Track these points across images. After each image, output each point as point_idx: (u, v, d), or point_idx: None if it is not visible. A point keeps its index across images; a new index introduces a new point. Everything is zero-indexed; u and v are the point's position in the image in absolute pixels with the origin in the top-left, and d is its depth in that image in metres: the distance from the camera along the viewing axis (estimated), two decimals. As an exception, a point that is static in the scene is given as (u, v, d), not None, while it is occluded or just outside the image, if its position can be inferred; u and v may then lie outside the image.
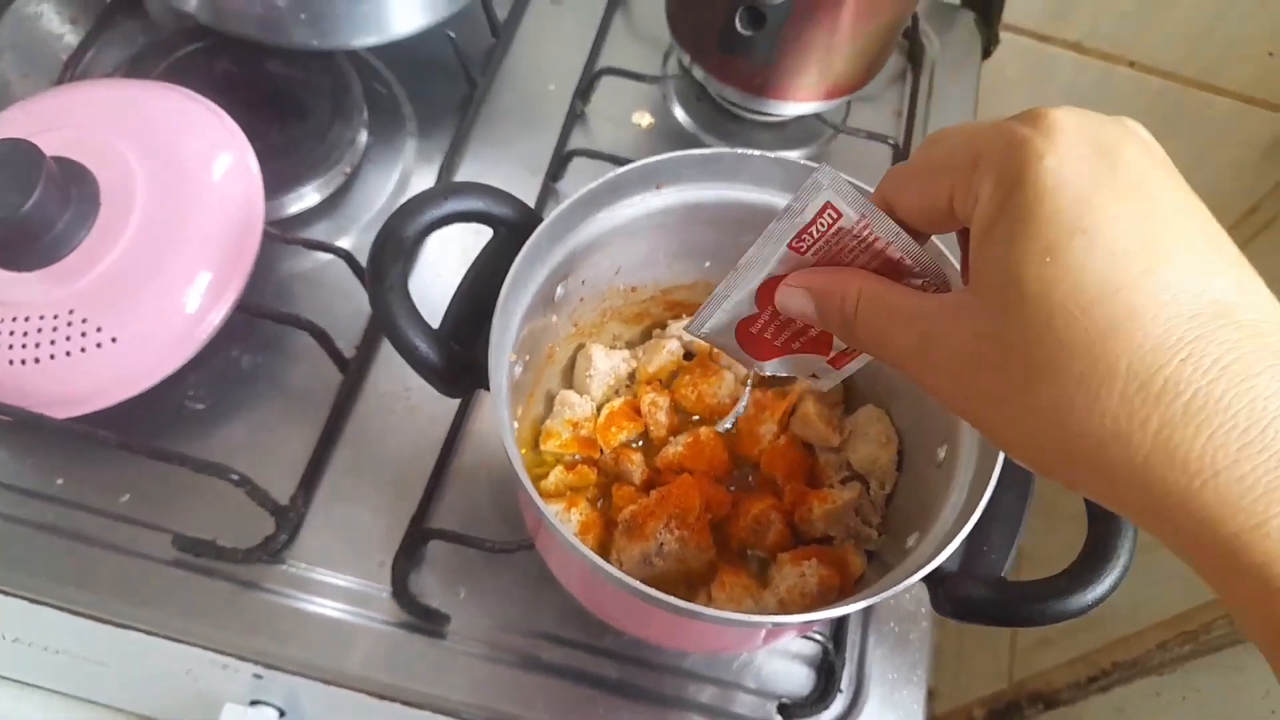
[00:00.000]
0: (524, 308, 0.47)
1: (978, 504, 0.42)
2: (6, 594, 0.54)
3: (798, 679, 0.57)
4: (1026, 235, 0.26)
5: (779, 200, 0.50)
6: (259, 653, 0.54)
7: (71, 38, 0.73)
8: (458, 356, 0.46)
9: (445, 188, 0.47)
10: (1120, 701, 1.05)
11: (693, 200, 0.51)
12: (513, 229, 0.48)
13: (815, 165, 0.47)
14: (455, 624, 0.55)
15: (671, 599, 0.39)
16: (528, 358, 0.51)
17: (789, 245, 0.34)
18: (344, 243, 0.66)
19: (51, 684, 0.67)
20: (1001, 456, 0.42)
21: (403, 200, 0.67)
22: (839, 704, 0.56)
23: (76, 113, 0.58)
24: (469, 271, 0.48)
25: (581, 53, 0.78)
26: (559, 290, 0.50)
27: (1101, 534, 0.42)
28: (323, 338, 0.59)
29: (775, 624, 0.40)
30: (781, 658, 0.57)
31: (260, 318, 0.59)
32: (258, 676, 0.55)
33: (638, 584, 0.39)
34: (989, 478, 0.42)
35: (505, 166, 0.72)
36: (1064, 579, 0.42)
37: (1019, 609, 0.42)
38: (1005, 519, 0.44)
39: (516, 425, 0.50)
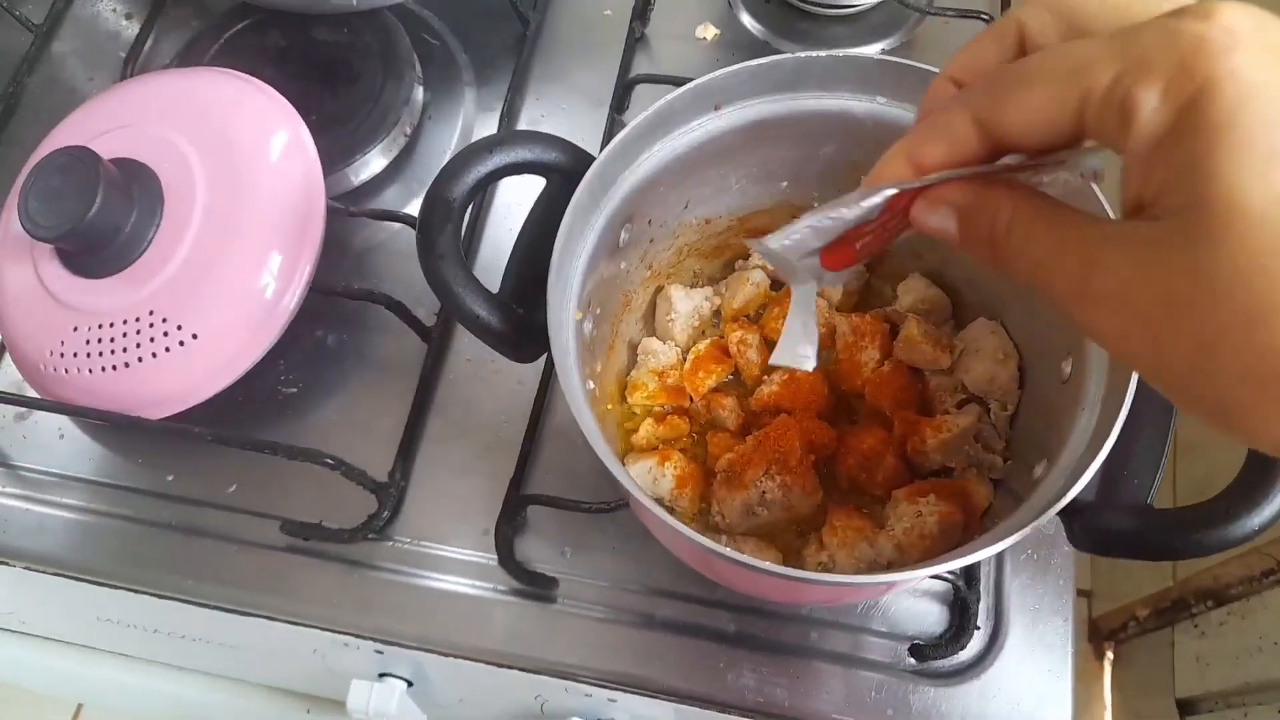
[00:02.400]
0: (585, 260, 0.44)
1: (1113, 424, 0.37)
2: (139, 592, 0.56)
3: (930, 618, 0.53)
4: (1235, 145, 0.22)
5: (853, 103, 0.45)
6: (377, 629, 0.54)
7: (129, 32, 0.73)
8: (522, 320, 0.43)
9: (489, 141, 0.44)
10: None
11: (757, 117, 0.46)
12: (567, 175, 0.44)
13: (884, 58, 0.42)
14: (564, 587, 0.54)
15: (779, 568, 0.36)
16: (598, 311, 0.48)
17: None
18: (413, 207, 0.65)
19: (200, 666, 0.70)
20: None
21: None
22: (977, 641, 0.52)
23: (131, 111, 0.58)
24: (524, 226, 0.45)
25: (636, -31, 0.72)
26: (623, 235, 0.47)
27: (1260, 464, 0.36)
28: (400, 310, 0.58)
29: (889, 582, 0.36)
30: (910, 596, 0.53)
31: (334, 295, 0.58)
32: (379, 651, 0.56)
33: (741, 556, 0.36)
34: (1124, 392, 0.37)
35: (568, 103, 0.68)
36: (1224, 501, 0.37)
37: (1170, 539, 0.37)
38: (1147, 438, 0.39)
39: (594, 386, 0.48)
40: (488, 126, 0.68)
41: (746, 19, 0.71)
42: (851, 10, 0.69)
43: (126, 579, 0.56)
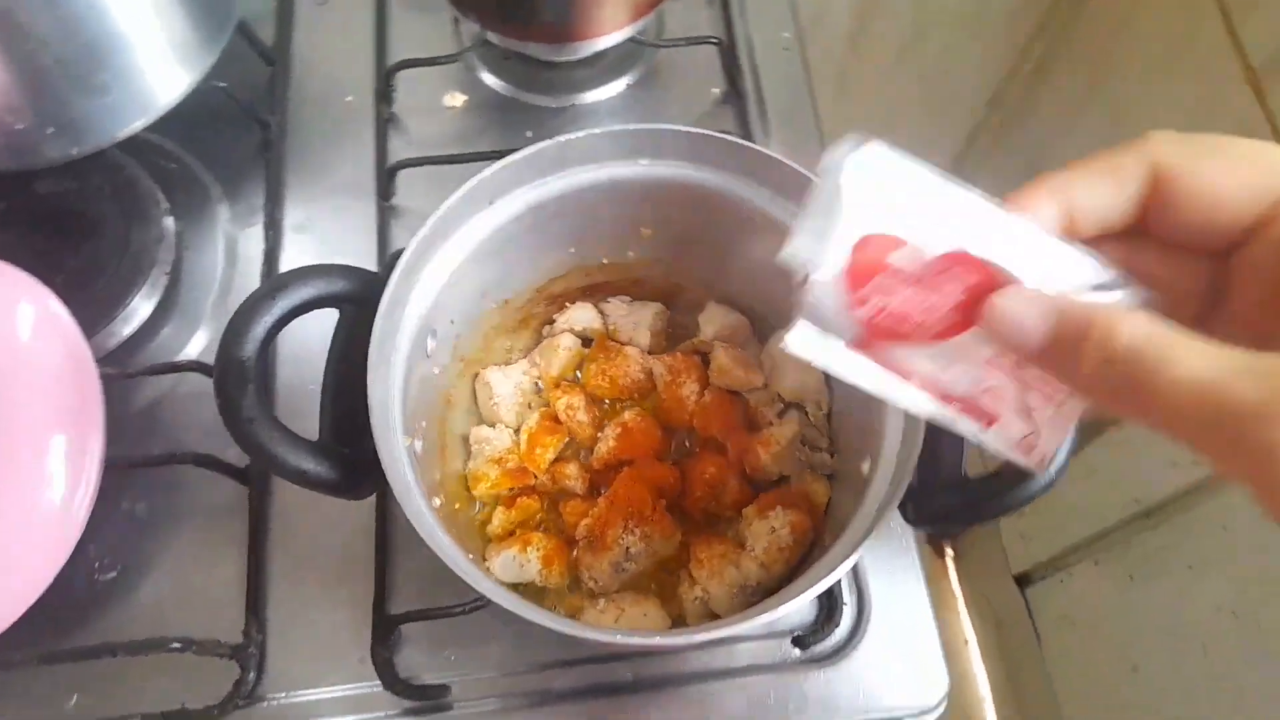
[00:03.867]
0: (399, 385, 0.43)
1: (920, 421, 0.41)
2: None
3: (801, 610, 0.56)
4: None
5: (619, 169, 0.47)
6: (275, 795, 0.52)
7: None
8: (349, 460, 0.42)
9: (271, 287, 0.42)
10: (1089, 464, 1.10)
11: (533, 201, 0.47)
12: (357, 301, 0.44)
13: (637, 127, 0.44)
14: (457, 690, 0.54)
15: (635, 638, 0.38)
16: (424, 423, 0.47)
17: None
18: (193, 348, 0.61)
19: None
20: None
21: (236, 279, 0.64)
22: (848, 616, 0.56)
23: None
24: (328, 364, 0.44)
25: (367, 52, 0.71)
26: (429, 343, 0.47)
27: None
28: (209, 461, 0.55)
29: (769, 621, 0.38)
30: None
31: (133, 467, 0.54)
32: (283, 816, 0.53)
33: (618, 636, 0.37)
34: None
35: (332, 201, 0.66)
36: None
37: (989, 505, 0.41)
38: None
39: (440, 501, 0.47)
40: (252, 243, 0.65)
41: (489, 79, 0.71)
42: (585, 56, 0.71)
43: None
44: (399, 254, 0.43)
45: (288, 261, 0.65)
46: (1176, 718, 0.95)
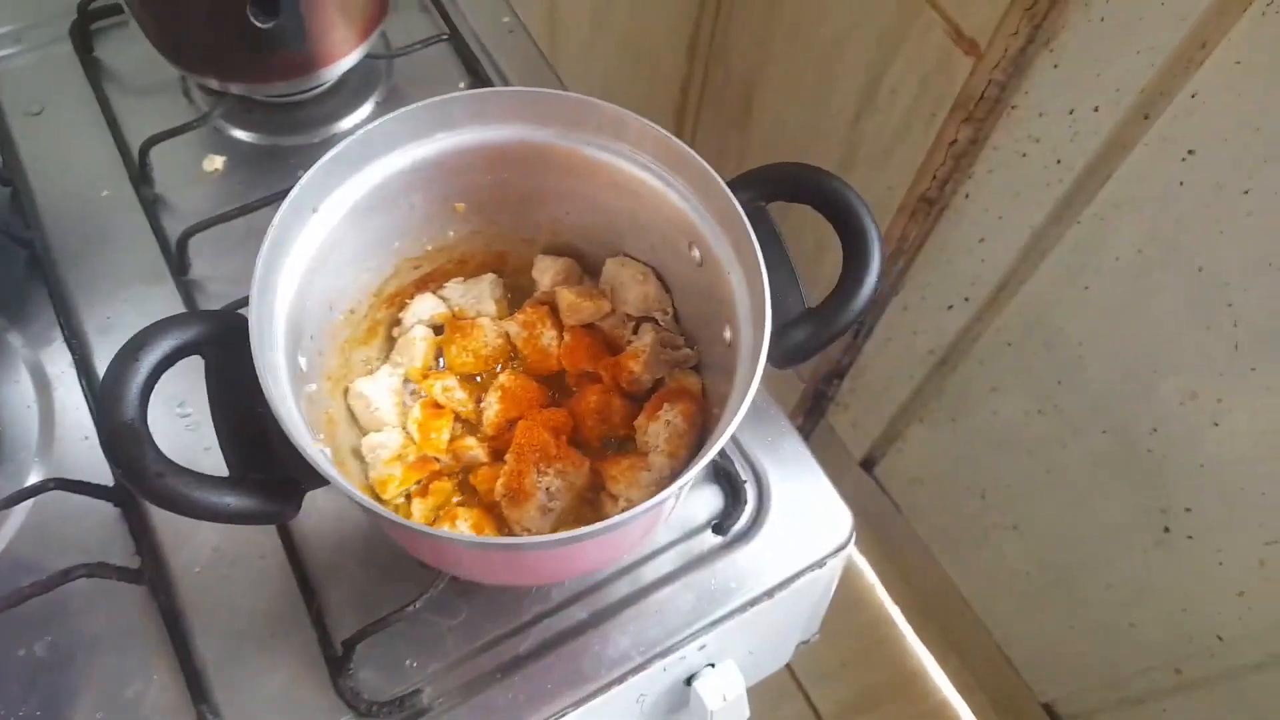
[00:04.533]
0: (291, 402, 0.44)
1: (759, 270, 0.46)
2: None
3: (709, 502, 0.61)
4: None
5: (419, 150, 0.50)
6: None
7: None
8: (267, 484, 0.43)
9: (134, 346, 0.42)
10: (884, 334, 1.22)
11: (350, 201, 0.49)
12: (220, 342, 0.44)
13: (398, 114, 0.47)
14: (428, 691, 0.55)
15: (589, 529, 0.41)
16: (321, 435, 0.48)
17: None
18: (36, 475, 0.58)
19: None
20: (748, 222, 0.47)
21: (56, 395, 0.61)
22: (751, 491, 0.62)
23: None
24: (214, 407, 0.44)
25: (105, 144, 0.70)
26: (301, 361, 0.48)
27: (847, 222, 0.48)
28: (101, 569, 0.53)
29: (683, 483, 0.43)
30: (685, 499, 0.61)
31: (25, 602, 0.51)
32: None
33: (519, 541, 0.40)
34: (751, 245, 0.47)
35: (127, 291, 0.65)
36: (846, 284, 0.48)
37: (832, 326, 0.48)
38: (775, 263, 0.48)
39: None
40: (58, 360, 0.62)
41: (241, 134, 0.72)
42: (325, 87, 0.72)
43: None
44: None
45: (103, 365, 0.62)
46: (1027, 517, 1.07)
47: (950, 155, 0.93)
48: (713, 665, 0.61)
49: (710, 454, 0.42)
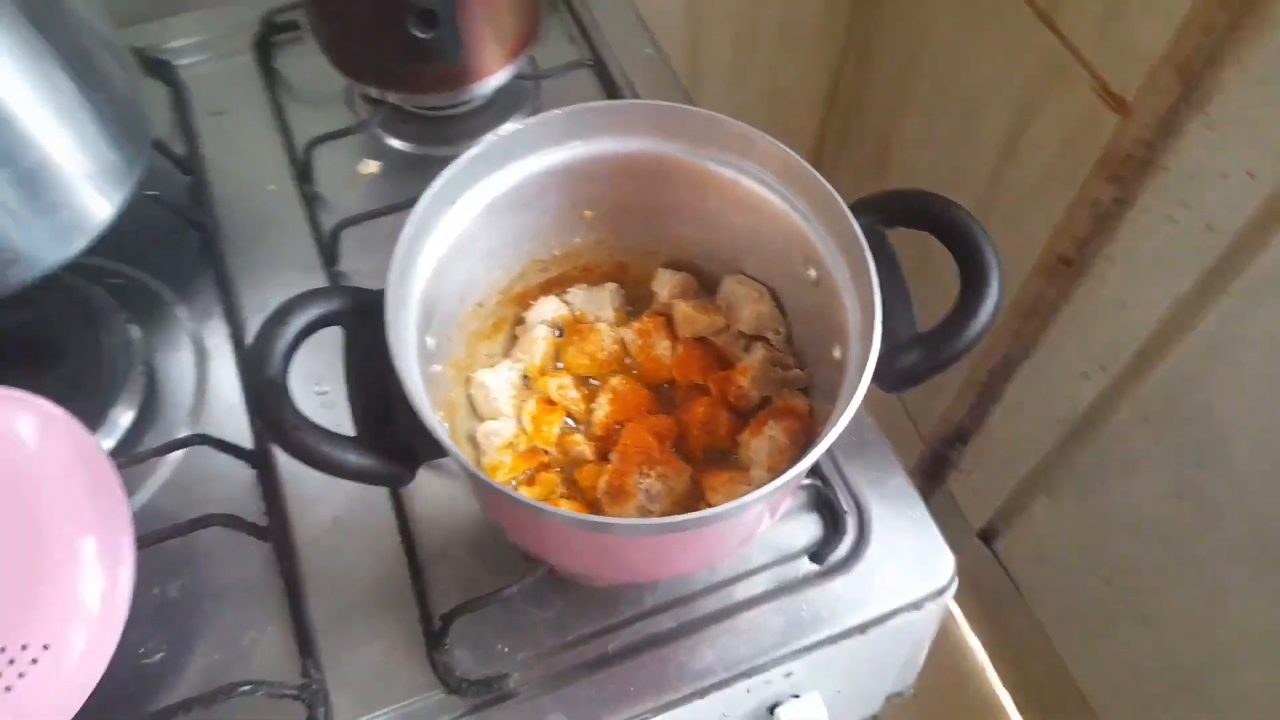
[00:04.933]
0: (418, 377, 0.47)
1: (872, 289, 0.47)
2: None
3: (806, 529, 0.61)
4: None
5: (555, 155, 0.53)
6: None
7: None
8: (392, 449, 0.46)
9: (282, 312, 0.46)
10: (1014, 399, 1.18)
11: (489, 197, 0.53)
12: (358, 315, 0.48)
13: (563, 111, 0.50)
14: (515, 676, 0.56)
15: (683, 517, 0.42)
16: (441, 414, 0.51)
17: None
18: (186, 433, 0.63)
19: None
20: (866, 244, 0.48)
21: (211, 368, 0.67)
22: (852, 523, 0.61)
23: None
24: (348, 374, 0.48)
25: (275, 144, 0.76)
26: (429, 342, 0.51)
27: (968, 250, 0.48)
28: (234, 521, 0.57)
29: (788, 480, 0.43)
30: (785, 523, 0.61)
31: (162, 540, 0.56)
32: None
33: (639, 520, 0.42)
34: (867, 267, 0.47)
35: (281, 279, 0.70)
36: (961, 310, 0.48)
37: (945, 351, 0.48)
38: (891, 287, 0.49)
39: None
40: (217, 334, 0.68)
41: (396, 142, 0.77)
42: (475, 103, 0.77)
43: None
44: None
45: (254, 341, 0.68)
46: (1158, 610, 1.01)
47: (1093, 215, 0.90)
48: (798, 696, 0.60)
49: (814, 456, 0.43)
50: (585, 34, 0.82)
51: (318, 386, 0.65)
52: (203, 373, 0.67)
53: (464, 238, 0.52)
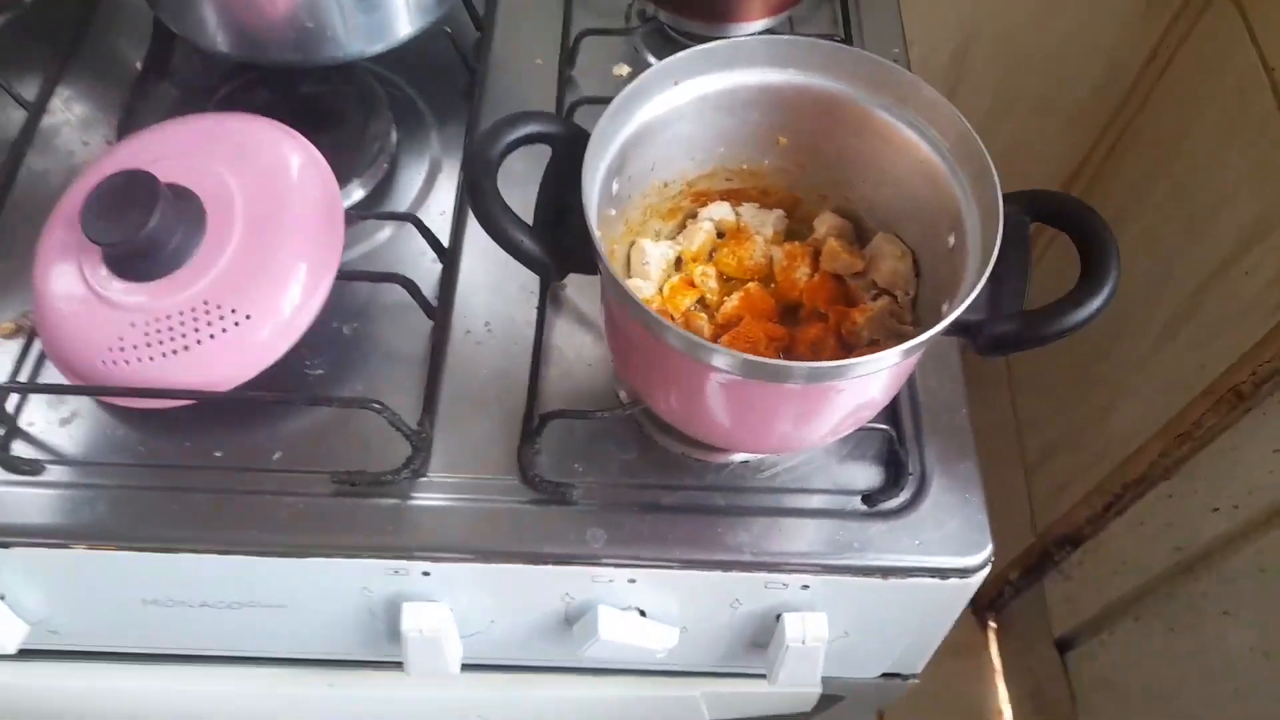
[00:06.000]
0: (596, 200, 0.57)
1: (989, 258, 0.53)
2: (196, 551, 0.63)
3: (870, 474, 0.67)
4: None
5: (773, 75, 0.62)
6: (421, 548, 0.63)
7: (115, 104, 0.83)
8: (555, 248, 0.56)
9: (508, 119, 0.57)
10: (1138, 516, 1.16)
11: (702, 91, 0.62)
12: (566, 143, 0.58)
13: (793, 38, 0.59)
14: (579, 490, 0.65)
15: (766, 360, 0.50)
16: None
17: None
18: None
19: (238, 648, 0.75)
20: (1002, 217, 0.53)
21: (436, 191, 0.79)
22: (911, 484, 0.66)
23: (170, 145, 0.68)
24: (544, 183, 0.59)
25: (554, 26, 0.89)
26: (614, 186, 0.61)
27: (1094, 254, 0.53)
28: (413, 288, 0.69)
29: (868, 362, 0.50)
30: (851, 462, 0.67)
31: (358, 280, 0.69)
32: (426, 574, 0.64)
33: (743, 356, 0.49)
34: (995, 237, 0.53)
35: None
36: (1072, 297, 0.53)
37: (1041, 329, 0.53)
38: (1013, 264, 0.54)
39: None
40: (453, 160, 0.81)
41: (650, 57, 0.88)
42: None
43: (182, 540, 0.63)
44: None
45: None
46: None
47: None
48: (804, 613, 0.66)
49: (925, 337, 0.50)
50: (845, 17, 0.90)
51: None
52: (431, 181, 0.80)
53: (672, 115, 0.61)
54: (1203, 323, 1.02)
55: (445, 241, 0.75)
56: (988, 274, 0.52)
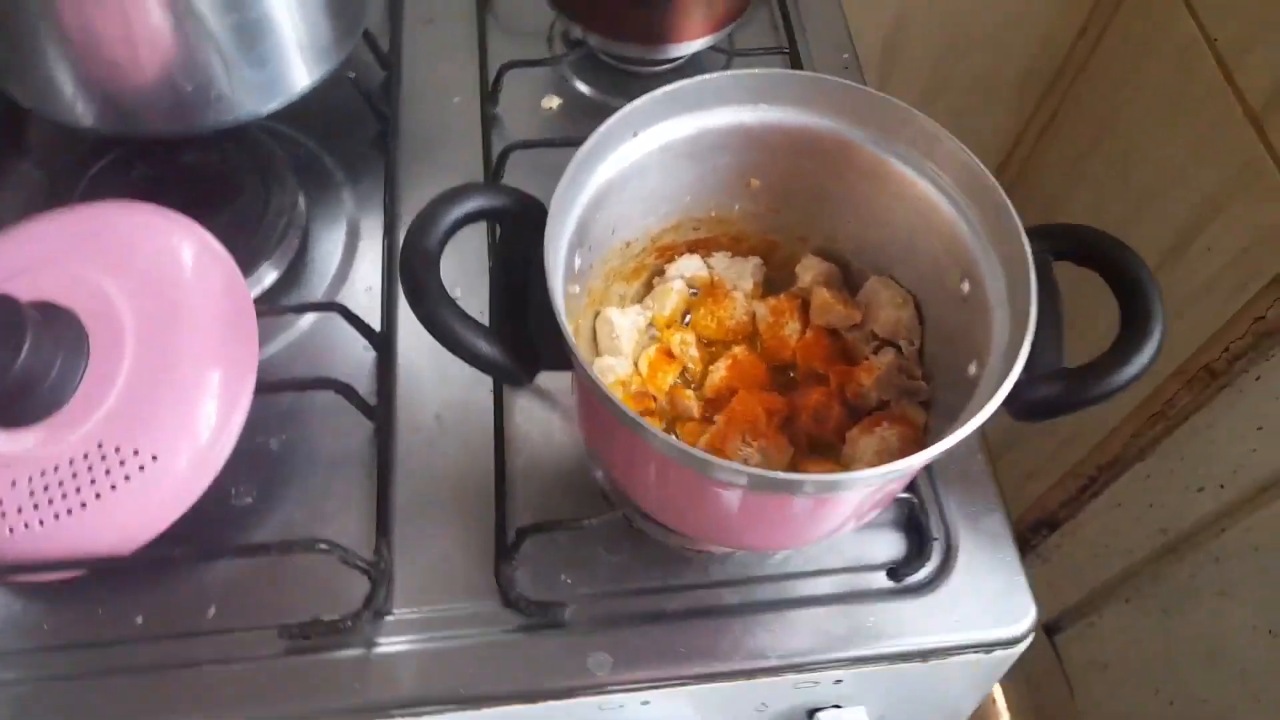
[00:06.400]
0: (562, 288, 0.48)
1: (1029, 312, 0.46)
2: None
3: (891, 543, 0.60)
4: None
5: (742, 114, 0.54)
6: (400, 705, 0.54)
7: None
8: (518, 348, 0.47)
9: (450, 195, 0.48)
10: (1115, 498, 1.14)
11: (665, 139, 0.53)
12: (516, 217, 0.50)
13: (762, 71, 0.51)
14: (571, 608, 0.57)
15: (784, 475, 0.42)
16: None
17: None
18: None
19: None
20: (1033, 264, 0.46)
21: (359, 251, 0.69)
22: (937, 551, 0.60)
23: (32, 251, 0.57)
24: (494, 269, 0.50)
25: (470, 61, 0.79)
26: (576, 260, 0.52)
27: (1136, 299, 0.47)
28: (348, 392, 0.59)
29: (891, 472, 0.43)
30: (868, 533, 0.60)
31: (282, 390, 0.58)
32: (405, 729, 0.55)
33: (738, 467, 0.41)
34: (1029, 287, 0.46)
35: (444, 182, 0.71)
36: (1117, 351, 0.47)
37: (1089, 390, 0.46)
38: (1047, 315, 0.47)
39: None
40: (374, 222, 0.71)
41: (582, 86, 0.79)
42: (671, 65, 0.79)
43: (113, 735, 0.53)
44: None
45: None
46: (1216, 747, 0.96)
47: (1253, 332, 0.87)
48: (839, 707, 0.59)
49: (935, 452, 0.42)
50: (788, 25, 0.82)
51: (453, 289, 0.67)
52: (350, 251, 0.70)
53: (632, 170, 0.53)
54: (1167, 303, 0.99)
55: (376, 325, 0.65)
56: (1029, 337, 0.45)
